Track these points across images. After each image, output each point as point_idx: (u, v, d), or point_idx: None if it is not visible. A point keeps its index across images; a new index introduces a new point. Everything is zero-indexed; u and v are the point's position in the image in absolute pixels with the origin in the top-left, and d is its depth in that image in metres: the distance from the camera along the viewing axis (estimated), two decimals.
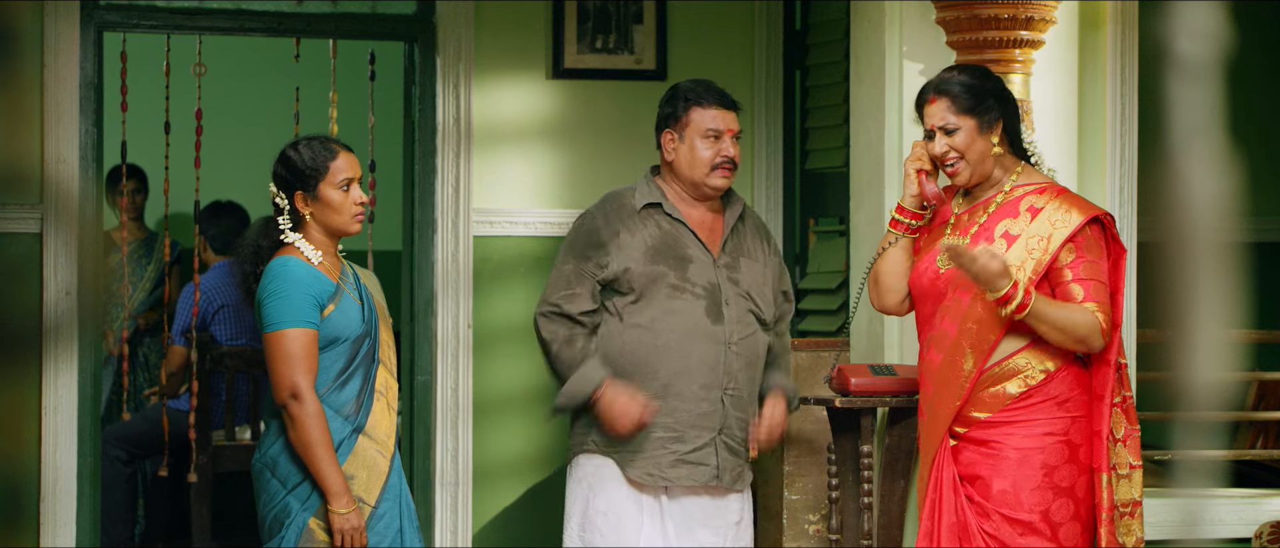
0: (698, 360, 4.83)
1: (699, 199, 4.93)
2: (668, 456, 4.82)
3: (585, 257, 4.85)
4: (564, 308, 4.84)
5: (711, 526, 4.89)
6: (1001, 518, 4.36)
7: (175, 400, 7.41)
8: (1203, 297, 1.93)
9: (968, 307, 4.39)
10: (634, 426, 4.78)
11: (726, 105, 4.92)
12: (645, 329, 4.82)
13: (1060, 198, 4.43)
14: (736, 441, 4.89)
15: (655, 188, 4.93)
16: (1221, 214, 1.93)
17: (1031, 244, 4.37)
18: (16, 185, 1.93)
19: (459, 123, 6.47)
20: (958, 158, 4.44)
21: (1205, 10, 1.94)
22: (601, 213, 4.92)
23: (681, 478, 4.83)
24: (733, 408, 4.87)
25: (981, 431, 4.40)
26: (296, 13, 6.60)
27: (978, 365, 4.38)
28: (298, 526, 4.47)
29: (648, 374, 4.82)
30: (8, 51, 1.79)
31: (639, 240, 4.85)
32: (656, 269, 4.83)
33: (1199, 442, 2.03)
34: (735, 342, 4.86)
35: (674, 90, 4.97)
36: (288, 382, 4.41)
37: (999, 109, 4.45)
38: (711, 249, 4.90)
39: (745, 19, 6.76)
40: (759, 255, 4.99)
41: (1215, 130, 1.94)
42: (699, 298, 4.84)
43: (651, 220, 4.89)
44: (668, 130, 4.91)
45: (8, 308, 1.88)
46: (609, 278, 4.84)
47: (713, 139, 4.87)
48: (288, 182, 4.52)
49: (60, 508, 6.19)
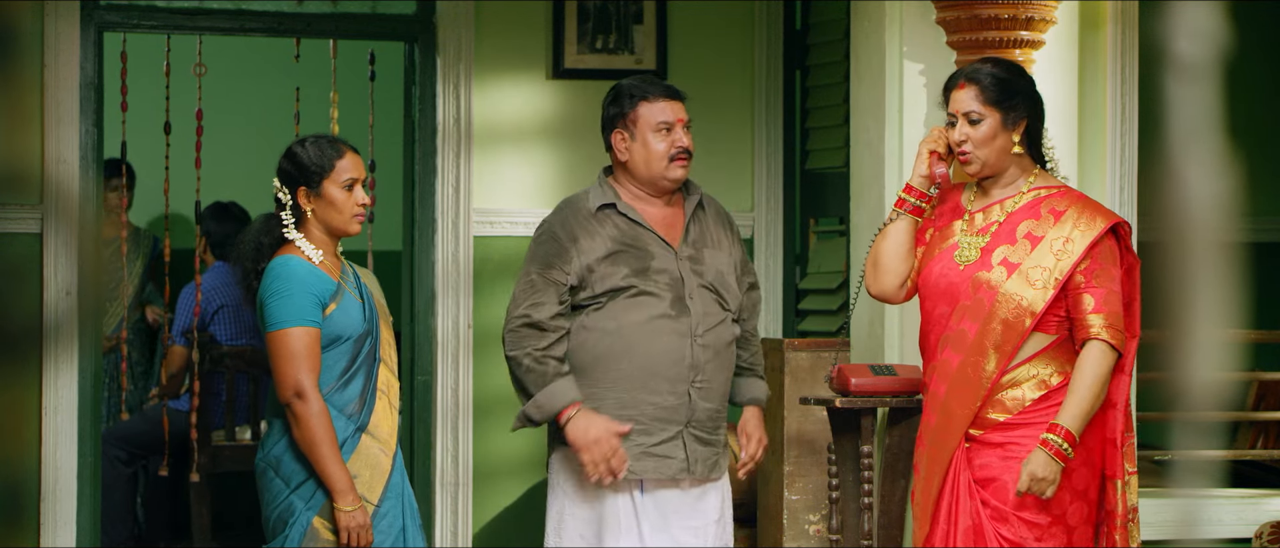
0: (662, 355, 4.80)
1: (657, 194, 4.89)
2: (634, 448, 4.80)
3: (548, 264, 4.82)
4: (533, 316, 4.79)
5: (690, 525, 4.87)
6: (1019, 520, 4.36)
7: (175, 401, 7.41)
8: (1202, 297, 1.93)
9: (991, 308, 4.39)
10: (602, 457, 4.76)
11: (673, 96, 4.89)
12: (609, 331, 4.80)
13: (1081, 203, 4.44)
14: (707, 430, 4.87)
15: (609, 189, 4.89)
16: (1221, 214, 1.93)
17: (1057, 247, 4.37)
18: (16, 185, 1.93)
19: (459, 123, 6.47)
20: (974, 148, 4.43)
21: (1205, 10, 1.94)
22: (558, 220, 4.89)
23: (648, 471, 4.81)
24: (701, 400, 4.85)
25: (999, 433, 4.40)
26: (297, 13, 6.61)
27: (1000, 367, 4.37)
28: (301, 525, 4.47)
29: (614, 373, 4.80)
30: (8, 51, 1.79)
31: (598, 243, 4.82)
32: (617, 270, 4.80)
33: (1199, 442, 2.03)
34: (701, 334, 4.83)
35: (617, 89, 4.93)
36: (292, 380, 4.42)
37: (1025, 108, 4.45)
38: (671, 243, 4.87)
39: (745, 19, 6.76)
40: (723, 243, 4.95)
41: (1215, 130, 1.94)
42: (662, 294, 4.82)
43: (609, 222, 4.86)
44: (617, 130, 4.88)
45: (8, 308, 1.88)
46: (573, 284, 4.81)
47: (665, 132, 4.84)
48: (292, 177, 4.54)
49: (60, 508, 6.19)
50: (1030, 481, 4.30)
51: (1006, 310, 4.37)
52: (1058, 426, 4.31)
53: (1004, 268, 4.40)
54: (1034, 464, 4.30)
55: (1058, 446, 4.30)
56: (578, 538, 4.83)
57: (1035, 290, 4.37)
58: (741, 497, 5.89)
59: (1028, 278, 4.38)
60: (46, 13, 6.09)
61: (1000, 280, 4.39)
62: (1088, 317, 4.35)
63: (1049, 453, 4.29)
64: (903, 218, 4.55)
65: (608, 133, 4.89)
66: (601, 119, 4.92)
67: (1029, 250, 4.39)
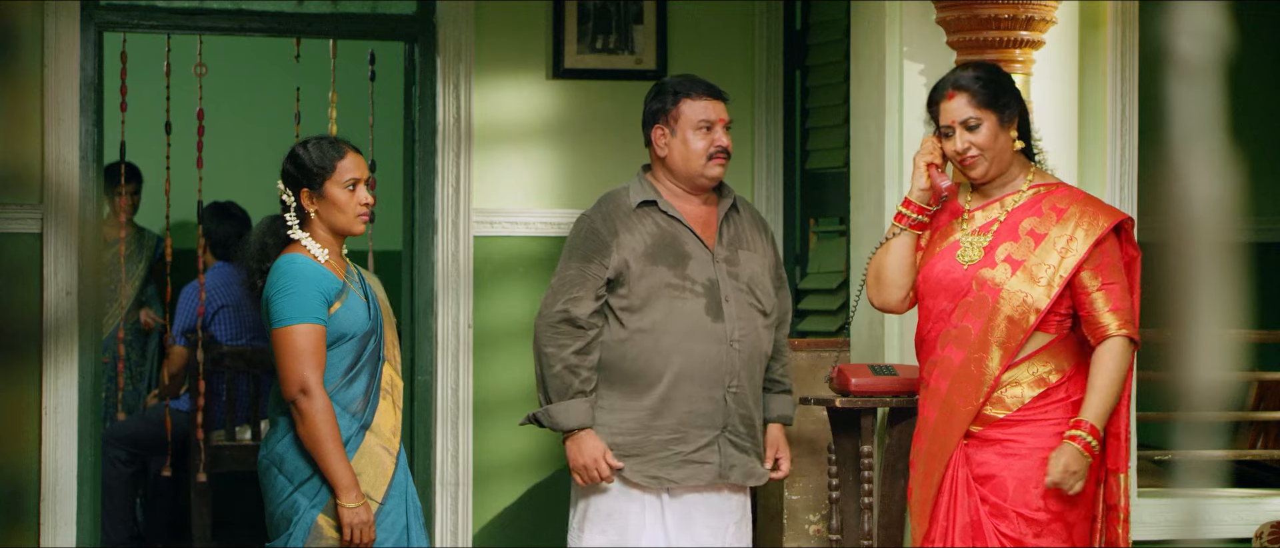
0: (700, 360, 4.82)
1: (694, 192, 4.91)
2: (671, 457, 4.82)
3: (588, 258, 4.84)
4: (571, 312, 4.81)
5: (711, 525, 4.88)
6: (1019, 517, 4.36)
7: (176, 401, 7.41)
8: (1203, 297, 1.93)
9: (995, 304, 4.39)
10: (589, 480, 4.81)
11: (716, 96, 4.91)
12: (646, 332, 4.81)
13: (1083, 200, 4.45)
14: (742, 436, 4.88)
15: (649, 185, 4.91)
16: (1222, 214, 1.93)
17: (1060, 246, 4.37)
18: (16, 185, 1.93)
19: (459, 123, 6.47)
20: (979, 153, 4.43)
21: (1206, 10, 1.94)
22: (599, 214, 4.90)
23: (686, 478, 4.82)
24: (736, 405, 4.86)
25: (998, 430, 4.40)
26: (297, 13, 6.60)
27: (1003, 363, 4.38)
28: (305, 523, 4.48)
29: (651, 377, 4.82)
30: (8, 51, 1.79)
31: (637, 239, 4.84)
32: (655, 268, 4.82)
33: (1199, 442, 2.03)
34: (736, 339, 4.85)
35: (661, 86, 4.96)
36: (297, 377, 4.43)
37: (1016, 105, 4.47)
38: (708, 244, 4.89)
39: (745, 19, 6.75)
40: (758, 247, 4.97)
41: (1216, 130, 1.94)
42: (699, 296, 4.83)
43: (649, 218, 4.88)
44: (658, 126, 4.90)
45: (8, 308, 1.88)
46: (611, 277, 4.83)
47: (705, 130, 4.86)
48: (295, 179, 4.57)
49: (60, 508, 6.19)
50: (1062, 473, 4.30)
51: (1011, 307, 4.38)
52: (1083, 421, 4.32)
53: (1008, 265, 4.41)
54: (1067, 457, 4.30)
55: (1085, 440, 4.31)
56: (600, 536, 4.84)
57: (1039, 288, 4.37)
58: None
59: (1032, 275, 4.38)
60: (47, 13, 6.09)
61: (1005, 278, 4.39)
62: (1103, 316, 4.36)
63: (1078, 447, 4.31)
64: (904, 233, 4.56)
65: (648, 128, 4.92)
66: (643, 114, 4.95)
67: (1033, 247, 4.39)
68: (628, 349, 4.82)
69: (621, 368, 4.83)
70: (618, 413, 4.84)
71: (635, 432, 4.82)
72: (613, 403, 4.84)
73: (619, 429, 4.83)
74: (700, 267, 4.85)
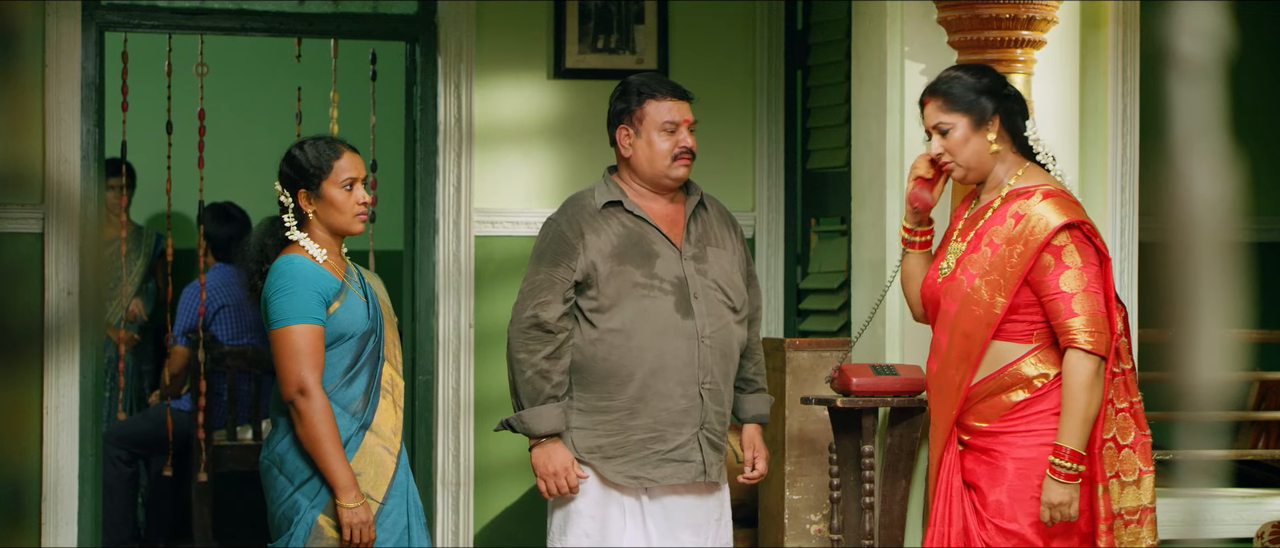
0: (672, 357, 4.79)
1: (659, 192, 4.88)
2: (651, 456, 4.79)
3: (555, 263, 4.81)
4: (541, 317, 4.78)
5: (693, 525, 4.86)
6: (995, 529, 4.34)
7: (177, 401, 7.41)
8: (1205, 297, 1.93)
9: (954, 319, 4.37)
10: (556, 488, 4.78)
11: (680, 96, 4.88)
12: (617, 332, 4.79)
13: (1047, 201, 4.33)
14: (717, 434, 4.86)
15: (615, 186, 4.89)
16: (1223, 214, 1.93)
17: (1015, 255, 4.29)
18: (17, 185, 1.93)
19: (460, 123, 6.47)
20: (952, 155, 4.41)
21: (1207, 10, 1.94)
22: (564, 217, 4.87)
23: (667, 477, 4.80)
24: (711, 402, 4.84)
25: (982, 439, 4.37)
26: (298, 12, 6.61)
27: (966, 377, 4.35)
28: (306, 523, 4.48)
29: (623, 376, 4.78)
30: (8, 51, 1.79)
31: (604, 240, 4.81)
32: (623, 269, 4.79)
33: (1200, 442, 2.03)
34: (708, 335, 4.82)
35: (625, 85, 4.92)
36: (295, 377, 4.43)
37: (995, 105, 4.40)
38: (675, 242, 4.86)
39: (746, 19, 6.75)
40: (727, 243, 4.94)
41: (1217, 130, 1.94)
42: (668, 294, 4.81)
43: (615, 219, 4.85)
44: (622, 126, 4.87)
45: (8, 308, 1.88)
46: (579, 279, 4.80)
47: (670, 131, 4.83)
48: (292, 180, 4.57)
49: (61, 508, 6.19)
50: (1050, 511, 4.25)
51: (967, 320, 4.34)
52: (1061, 447, 4.23)
53: (965, 277, 4.37)
54: (1048, 494, 4.25)
55: (1063, 468, 4.23)
56: (583, 538, 4.82)
57: (988, 300, 4.32)
58: (743, 497, 5.90)
59: (987, 285, 4.33)
60: (47, 13, 6.09)
61: (961, 290, 4.36)
62: (1065, 322, 4.26)
63: (1056, 478, 4.23)
64: (908, 255, 4.57)
65: (613, 128, 4.88)
66: (608, 114, 4.91)
67: (989, 258, 4.34)
68: (599, 350, 4.79)
69: (594, 369, 4.80)
70: (594, 415, 4.81)
71: (614, 433, 4.80)
72: (588, 405, 4.82)
73: (598, 431, 4.81)
74: (668, 265, 4.82)
